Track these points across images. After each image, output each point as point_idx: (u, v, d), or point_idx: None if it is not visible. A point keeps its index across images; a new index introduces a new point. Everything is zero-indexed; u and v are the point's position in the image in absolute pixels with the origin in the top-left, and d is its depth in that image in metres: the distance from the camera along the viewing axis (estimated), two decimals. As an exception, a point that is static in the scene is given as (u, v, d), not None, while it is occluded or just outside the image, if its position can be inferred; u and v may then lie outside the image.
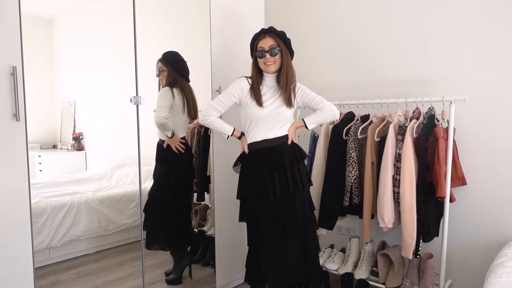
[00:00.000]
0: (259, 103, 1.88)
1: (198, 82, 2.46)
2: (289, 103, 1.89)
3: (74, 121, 2.79)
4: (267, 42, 1.85)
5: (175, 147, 2.34)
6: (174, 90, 2.32)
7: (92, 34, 2.76)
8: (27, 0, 1.61)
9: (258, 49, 1.87)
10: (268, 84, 1.93)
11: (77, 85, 2.76)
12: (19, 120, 1.56)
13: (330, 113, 1.93)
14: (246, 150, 1.93)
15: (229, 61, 2.36)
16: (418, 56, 2.29)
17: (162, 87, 2.38)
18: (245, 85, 1.93)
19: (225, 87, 2.31)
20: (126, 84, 2.19)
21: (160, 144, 2.39)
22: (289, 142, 1.93)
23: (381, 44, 2.44)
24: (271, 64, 1.86)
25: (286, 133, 1.94)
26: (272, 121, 1.89)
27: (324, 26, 2.72)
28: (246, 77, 1.96)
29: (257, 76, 1.92)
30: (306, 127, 1.95)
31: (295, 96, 1.93)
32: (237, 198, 2.02)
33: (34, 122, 2.57)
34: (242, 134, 1.97)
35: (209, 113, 1.91)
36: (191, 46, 2.57)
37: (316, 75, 2.79)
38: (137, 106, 2.06)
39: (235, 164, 2.02)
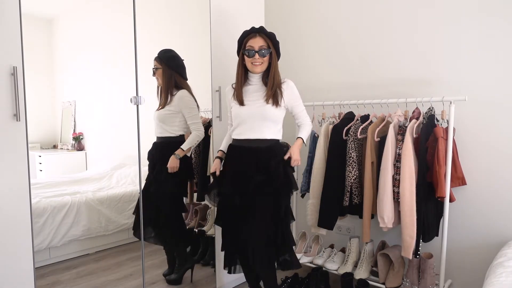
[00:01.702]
0: (240, 101, 1.91)
1: (198, 82, 2.46)
2: (275, 102, 1.88)
3: (74, 121, 2.79)
4: (257, 42, 1.85)
5: (172, 167, 2.32)
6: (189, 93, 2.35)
7: (92, 34, 2.76)
8: (27, 0, 1.61)
9: (247, 48, 1.86)
10: (253, 83, 1.94)
11: (77, 85, 2.77)
12: (19, 120, 1.56)
13: (310, 129, 2.05)
14: (214, 171, 2.00)
15: (229, 61, 2.36)
16: (418, 56, 2.29)
17: (158, 86, 2.37)
18: (228, 90, 2.03)
19: (225, 87, 2.32)
20: (126, 84, 2.19)
21: (157, 143, 2.38)
22: (286, 157, 1.90)
23: (381, 44, 2.45)
24: (258, 65, 1.86)
25: (274, 137, 1.92)
26: (256, 120, 1.88)
27: (324, 26, 2.72)
28: (232, 84, 2.02)
29: (241, 75, 1.93)
30: (304, 143, 2.02)
31: (282, 95, 1.91)
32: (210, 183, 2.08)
33: (34, 122, 2.58)
34: (220, 158, 2.04)
35: (228, 130, 2.10)
36: (191, 46, 2.58)
37: (316, 75, 2.79)
38: (137, 106, 2.06)
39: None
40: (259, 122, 1.88)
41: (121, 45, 2.57)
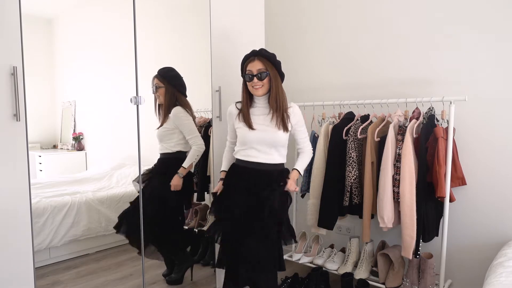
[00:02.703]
0: (249, 125, 1.88)
1: (198, 82, 2.46)
2: (284, 127, 1.88)
3: (74, 121, 2.80)
4: (255, 66, 1.83)
5: (175, 186, 2.32)
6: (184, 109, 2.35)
7: (92, 34, 2.76)
8: (27, 0, 1.61)
9: (246, 72, 1.85)
10: (259, 106, 1.92)
11: (77, 85, 2.77)
12: (19, 120, 1.56)
13: (310, 156, 2.02)
14: (216, 189, 1.96)
15: (229, 61, 2.36)
16: (418, 56, 2.29)
17: (159, 104, 2.38)
18: (233, 109, 1.98)
19: (225, 87, 2.32)
20: (126, 84, 2.19)
21: (162, 159, 2.39)
22: (292, 189, 1.89)
23: (381, 44, 2.45)
24: (259, 88, 1.84)
25: (282, 161, 1.93)
26: (265, 145, 1.87)
27: (324, 26, 2.72)
28: (236, 102, 1.99)
29: (247, 99, 1.91)
30: (300, 175, 2.00)
31: (289, 118, 1.91)
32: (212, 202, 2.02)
33: (35, 122, 2.58)
34: (224, 179, 1.99)
35: (226, 147, 2.07)
36: (191, 45, 2.58)
37: (316, 76, 2.79)
38: (137, 106, 2.06)
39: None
40: (268, 147, 1.87)
41: (121, 45, 2.57)
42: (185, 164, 2.32)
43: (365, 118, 2.30)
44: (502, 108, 2.03)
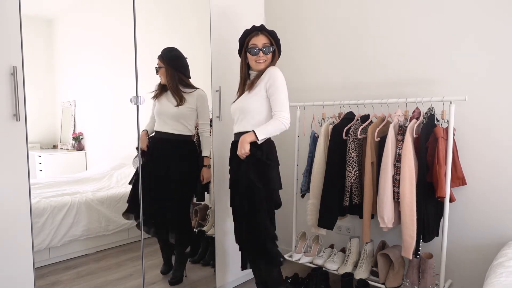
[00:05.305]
0: (236, 99, 1.97)
1: (198, 82, 2.46)
2: (249, 88, 1.87)
3: (74, 121, 2.79)
4: (260, 40, 1.86)
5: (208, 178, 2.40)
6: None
7: (92, 34, 2.76)
8: (27, 0, 1.61)
9: (250, 46, 1.87)
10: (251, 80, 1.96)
11: (77, 85, 2.77)
12: (19, 120, 1.56)
13: (281, 126, 1.80)
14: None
15: (229, 61, 2.36)
16: (418, 56, 2.29)
17: (162, 84, 2.37)
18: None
19: (225, 87, 2.32)
20: (126, 84, 2.19)
21: (171, 140, 2.36)
22: (238, 152, 1.81)
23: (381, 44, 2.45)
24: (262, 63, 1.87)
25: (247, 129, 1.86)
26: (239, 114, 1.92)
27: (324, 26, 2.72)
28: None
29: (245, 74, 1.96)
30: (257, 139, 1.79)
31: (259, 81, 1.84)
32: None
33: (34, 122, 2.58)
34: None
35: None
36: (191, 46, 2.58)
37: (316, 75, 2.79)
38: (137, 106, 2.06)
39: None
40: (241, 115, 1.91)
41: (121, 45, 2.57)
42: (207, 153, 2.39)
43: (365, 118, 2.30)
44: (502, 108, 2.03)
